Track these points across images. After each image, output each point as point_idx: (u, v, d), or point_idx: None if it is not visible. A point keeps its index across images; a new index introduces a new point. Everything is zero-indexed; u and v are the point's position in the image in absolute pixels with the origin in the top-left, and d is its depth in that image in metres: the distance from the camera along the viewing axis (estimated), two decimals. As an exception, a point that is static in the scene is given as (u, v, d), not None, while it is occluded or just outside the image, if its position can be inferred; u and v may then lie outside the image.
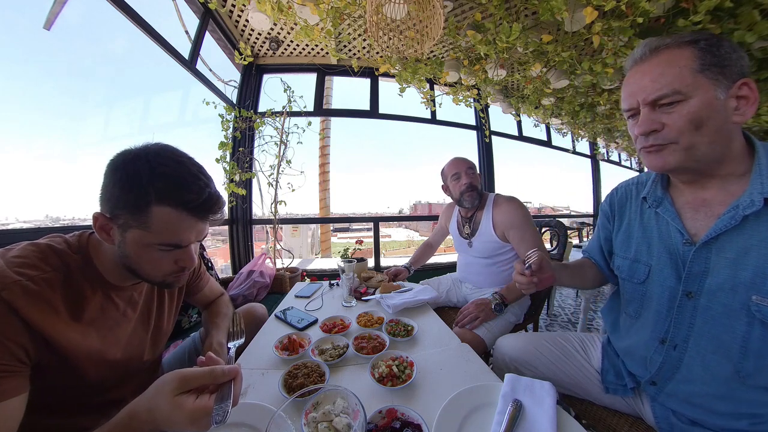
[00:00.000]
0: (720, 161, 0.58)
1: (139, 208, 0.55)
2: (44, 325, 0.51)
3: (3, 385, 0.45)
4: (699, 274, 0.60)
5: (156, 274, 0.62)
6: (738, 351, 0.55)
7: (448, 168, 1.44)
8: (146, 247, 0.58)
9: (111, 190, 0.56)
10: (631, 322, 0.75)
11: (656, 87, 0.56)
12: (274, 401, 0.62)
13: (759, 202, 0.53)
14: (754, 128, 2.57)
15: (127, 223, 0.56)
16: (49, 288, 0.53)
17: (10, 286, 0.48)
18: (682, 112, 0.54)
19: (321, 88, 2.82)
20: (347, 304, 1.19)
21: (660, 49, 0.57)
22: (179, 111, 39.04)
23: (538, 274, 0.72)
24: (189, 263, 0.64)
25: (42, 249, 0.57)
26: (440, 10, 1.31)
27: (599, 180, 4.77)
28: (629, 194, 0.79)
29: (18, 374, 0.48)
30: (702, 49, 0.54)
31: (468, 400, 0.60)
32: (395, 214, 76.64)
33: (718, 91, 0.53)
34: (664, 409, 0.67)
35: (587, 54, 2.39)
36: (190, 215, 0.58)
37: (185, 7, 1.98)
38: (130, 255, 0.59)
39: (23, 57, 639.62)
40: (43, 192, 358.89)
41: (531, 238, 1.26)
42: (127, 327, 0.68)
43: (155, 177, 0.55)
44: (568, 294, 3.15)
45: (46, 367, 0.53)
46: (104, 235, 0.59)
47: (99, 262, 0.62)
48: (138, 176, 0.55)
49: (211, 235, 7.33)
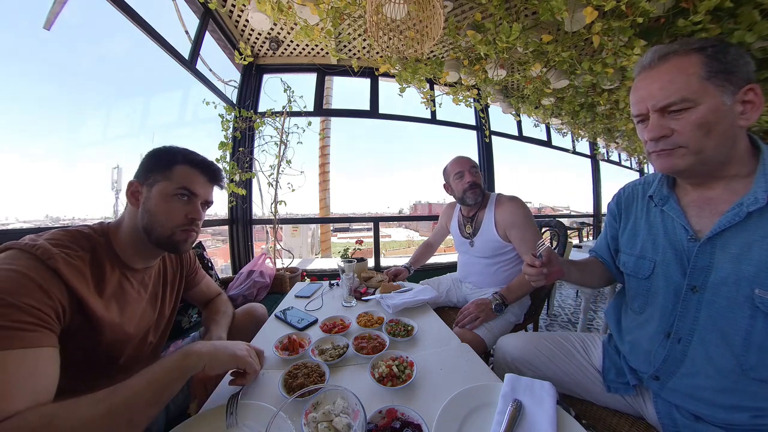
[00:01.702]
0: (726, 163, 0.60)
1: (167, 167, 0.75)
2: (79, 288, 0.60)
3: (44, 337, 0.52)
4: (703, 269, 0.61)
5: (168, 224, 0.73)
6: (741, 344, 0.57)
7: (450, 167, 1.44)
8: (166, 196, 0.73)
9: (147, 163, 0.76)
10: (636, 318, 0.76)
11: (665, 94, 0.57)
12: (274, 401, 0.62)
13: (763, 199, 0.55)
14: (754, 128, 2.58)
15: (155, 180, 0.74)
16: (82, 263, 0.64)
17: (55, 256, 0.58)
18: (690, 119, 0.56)
19: (321, 88, 2.82)
20: (347, 304, 1.19)
21: (668, 56, 0.59)
22: (179, 111, 39.34)
23: (548, 267, 0.74)
24: (196, 215, 0.78)
25: (72, 233, 0.67)
26: (440, 10, 1.31)
27: (599, 180, 4.77)
28: (636, 194, 0.81)
29: (50, 329, 0.53)
30: (709, 56, 0.55)
31: (468, 400, 0.60)
32: (395, 214, 76.66)
33: (725, 97, 0.55)
34: (666, 404, 0.67)
35: (587, 54, 2.39)
36: (201, 173, 0.79)
37: (185, 7, 1.98)
38: (152, 208, 0.73)
39: (23, 57, 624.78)
40: (43, 192, 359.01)
41: (532, 237, 1.26)
42: (140, 305, 0.78)
43: (181, 151, 0.78)
44: (568, 294, 3.16)
45: (75, 330, 0.60)
46: (133, 199, 0.74)
47: (117, 245, 0.74)
48: (170, 150, 0.78)
49: (211, 235, 7.33)
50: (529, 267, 0.75)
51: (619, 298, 0.86)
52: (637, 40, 1.64)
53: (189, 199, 0.76)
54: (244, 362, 0.65)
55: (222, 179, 0.85)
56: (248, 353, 0.68)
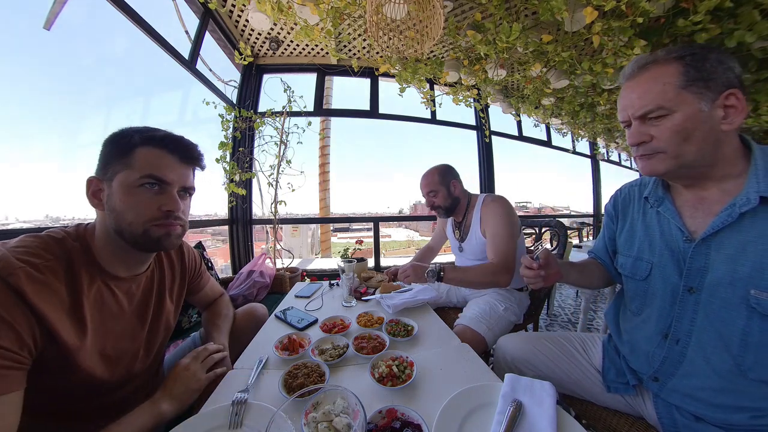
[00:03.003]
0: (711, 165, 0.61)
1: (125, 153, 0.61)
2: (47, 313, 0.51)
3: (10, 377, 0.45)
4: (699, 270, 0.62)
5: (137, 220, 0.61)
6: (738, 344, 0.57)
7: (419, 186, 1.45)
8: (129, 188, 0.60)
9: (103, 153, 0.62)
10: (634, 319, 0.76)
11: (642, 103, 0.60)
12: (274, 401, 0.62)
13: (755, 200, 0.55)
14: (754, 128, 2.57)
15: (114, 171, 0.60)
16: (53, 276, 0.54)
17: (16, 272, 0.49)
18: (667, 125, 0.58)
19: (321, 88, 2.82)
20: (347, 304, 1.19)
21: (648, 66, 0.61)
22: (179, 111, 39.05)
23: (545, 269, 0.74)
24: (172, 206, 0.64)
25: (42, 238, 0.57)
26: (440, 10, 1.31)
27: (599, 180, 4.77)
28: (632, 195, 0.81)
29: (22, 368, 0.48)
30: (687, 65, 0.57)
31: (468, 400, 0.60)
32: (395, 214, 76.62)
33: (702, 104, 0.56)
34: (666, 405, 0.67)
35: (587, 54, 2.39)
36: (170, 154, 0.64)
37: (185, 7, 1.98)
38: (115, 205, 0.60)
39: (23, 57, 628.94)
40: (42, 192, 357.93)
41: (502, 241, 1.19)
42: (122, 320, 0.67)
43: (139, 129, 0.64)
44: (568, 294, 3.15)
45: (46, 361, 0.53)
46: (95, 200, 0.62)
47: (96, 251, 0.63)
48: (125, 131, 0.63)
49: (211, 235, 7.25)
50: (526, 269, 0.75)
51: (618, 299, 0.86)
52: (637, 40, 1.64)
53: (160, 187, 0.63)
54: (206, 383, 0.70)
55: (199, 157, 0.70)
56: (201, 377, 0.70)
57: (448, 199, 1.37)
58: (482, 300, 1.26)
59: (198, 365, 0.71)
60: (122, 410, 0.58)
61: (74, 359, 0.56)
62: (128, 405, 0.61)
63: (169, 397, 0.64)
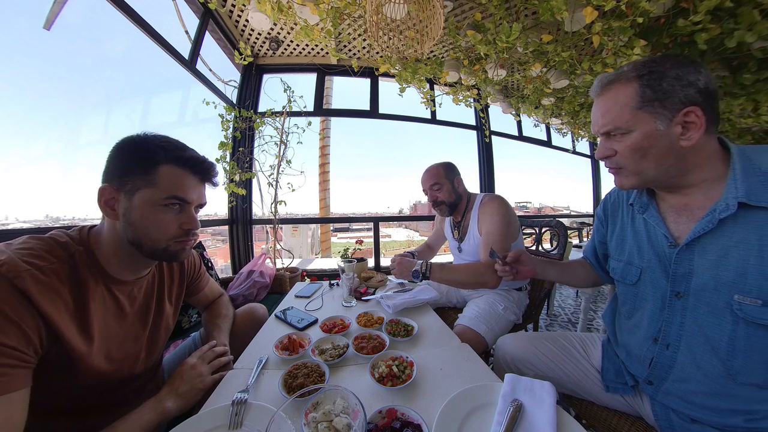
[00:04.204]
0: (680, 176, 0.62)
1: (147, 169, 0.61)
2: (53, 315, 0.52)
3: (17, 375, 0.46)
4: (684, 275, 0.62)
5: (161, 237, 0.63)
6: (726, 349, 0.57)
7: (421, 181, 1.43)
8: (153, 206, 0.61)
9: (119, 162, 0.61)
10: (626, 323, 0.77)
11: (604, 122, 0.63)
12: (274, 401, 0.62)
13: (733, 206, 0.55)
14: (754, 128, 2.57)
15: (135, 186, 0.60)
16: (57, 279, 0.54)
17: (22, 275, 0.49)
18: (627, 143, 0.61)
19: (321, 88, 2.82)
20: (347, 304, 1.19)
21: (610, 85, 0.63)
22: (179, 111, 39.23)
23: (515, 266, 0.88)
24: (193, 225, 0.67)
25: (46, 241, 0.58)
26: (440, 10, 1.31)
27: (599, 180, 4.77)
28: (621, 200, 0.82)
29: (28, 366, 0.48)
30: (644, 85, 0.58)
31: (468, 400, 0.60)
32: (395, 214, 76.60)
33: (657, 123, 0.58)
34: (663, 407, 0.67)
35: (587, 54, 2.39)
36: (192, 174, 0.66)
37: (185, 7, 1.98)
38: (137, 221, 0.61)
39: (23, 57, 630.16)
40: (42, 192, 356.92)
41: (494, 240, 1.18)
42: (124, 323, 0.68)
43: (161, 144, 0.63)
44: (568, 294, 3.15)
45: (51, 360, 0.53)
46: (108, 210, 0.61)
47: (100, 254, 0.63)
48: (146, 144, 0.62)
49: (211, 235, 7.28)
50: (496, 265, 0.90)
51: (614, 302, 0.86)
52: (637, 40, 1.64)
53: (181, 206, 0.65)
54: (211, 384, 0.70)
55: (216, 175, 0.72)
56: (207, 378, 0.70)
57: (452, 195, 1.36)
58: (482, 300, 1.26)
59: (205, 366, 0.72)
60: (124, 407, 0.59)
61: (80, 362, 0.57)
62: (130, 403, 0.62)
63: (174, 395, 0.65)
